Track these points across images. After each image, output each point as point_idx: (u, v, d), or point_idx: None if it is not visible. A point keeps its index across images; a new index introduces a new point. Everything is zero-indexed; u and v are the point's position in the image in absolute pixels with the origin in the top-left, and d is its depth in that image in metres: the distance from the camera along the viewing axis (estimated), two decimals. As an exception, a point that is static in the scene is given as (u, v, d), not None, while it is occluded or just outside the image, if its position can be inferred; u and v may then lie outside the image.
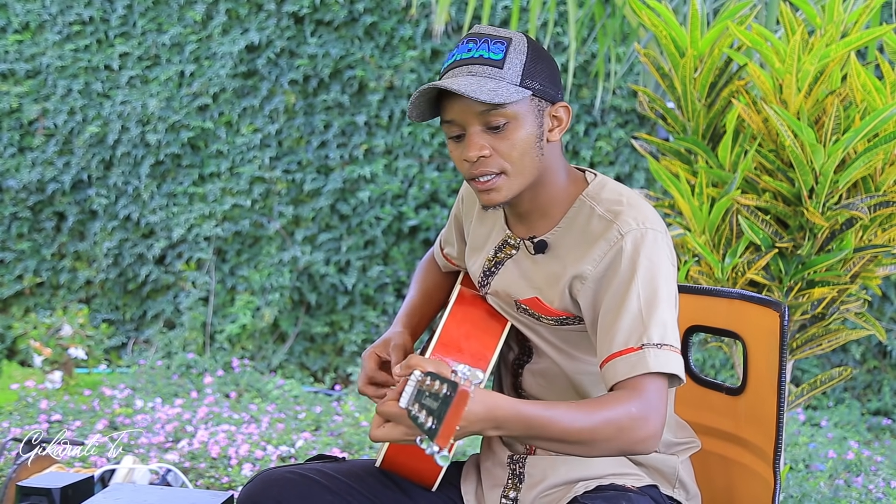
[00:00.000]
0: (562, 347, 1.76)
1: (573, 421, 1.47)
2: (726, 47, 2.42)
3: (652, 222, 1.66)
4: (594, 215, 1.69)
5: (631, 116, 5.30)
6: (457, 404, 1.27)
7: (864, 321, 2.45)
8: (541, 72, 1.65)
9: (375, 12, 5.55)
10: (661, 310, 1.60)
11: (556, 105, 1.68)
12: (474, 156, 1.63)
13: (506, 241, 1.80)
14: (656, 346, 1.57)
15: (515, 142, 1.63)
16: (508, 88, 1.61)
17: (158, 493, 2.27)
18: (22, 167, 5.98)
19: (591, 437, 1.48)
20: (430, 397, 1.33)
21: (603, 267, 1.65)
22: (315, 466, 1.80)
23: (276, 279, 5.56)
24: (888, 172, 2.30)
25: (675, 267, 1.68)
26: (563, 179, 1.73)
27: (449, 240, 2.03)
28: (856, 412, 4.70)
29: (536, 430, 1.46)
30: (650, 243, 1.63)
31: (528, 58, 1.64)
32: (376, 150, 5.58)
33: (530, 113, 1.64)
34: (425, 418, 1.32)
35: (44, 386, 4.71)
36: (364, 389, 1.84)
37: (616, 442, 1.50)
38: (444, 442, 1.28)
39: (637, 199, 1.70)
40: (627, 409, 1.51)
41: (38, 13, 5.94)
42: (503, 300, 1.80)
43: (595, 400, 1.55)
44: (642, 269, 1.61)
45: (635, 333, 1.58)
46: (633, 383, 1.55)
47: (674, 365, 1.58)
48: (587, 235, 1.68)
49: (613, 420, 1.49)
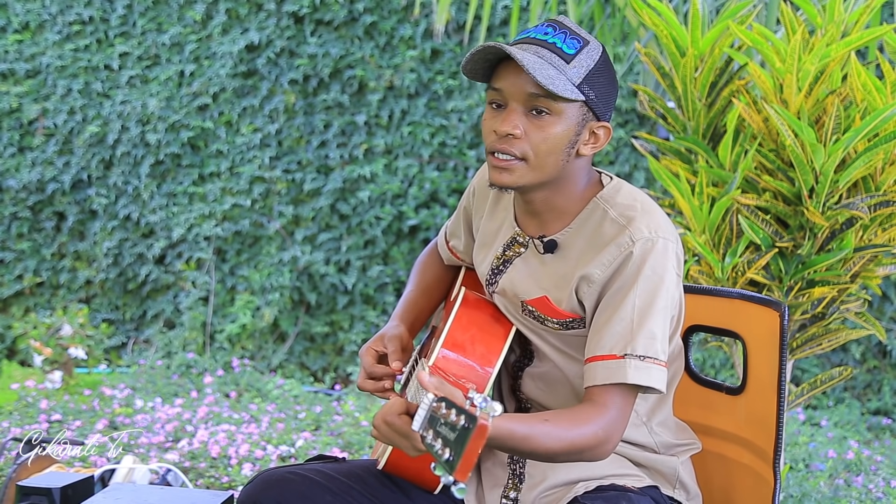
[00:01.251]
0: (565, 351, 1.76)
1: (545, 442, 1.54)
2: (727, 47, 2.42)
3: (664, 231, 1.66)
4: (607, 218, 1.68)
5: (631, 116, 5.30)
6: (475, 439, 1.27)
7: (864, 321, 2.45)
8: (601, 86, 1.65)
9: (375, 12, 5.55)
10: (653, 322, 1.61)
11: (600, 122, 1.68)
12: (506, 130, 1.63)
13: (515, 239, 1.79)
14: (639, 358, 1.60)
15: (548, 136, 1.63)
16: (567, 84, 1.61)
17: (158, 493, 2.27)
18: (22, 167, 5.98)
19: (556, 456, 1.59)
20: (445, 426, 1.32)
21: (611, 271, 1.65)
22: (315, 467, 1.79)
23: (276, 279, 5.56)
24: (888, 172, 2.30)
25: (681, 275, 1.69)
26: (582, 186, 1.73)
27: (455, 232, 2.01)
28: (856, 412, 4.70)
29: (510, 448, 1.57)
30: (659, 253, 1.64)
31: (596, 67, 1.65)
32: (376, 149, 5.58)
33: (574, 117, 1.64)
34: (441, 448, 1.31)
35: (44, 386, 4.71)
36: (364, 385, 1.83)
37: (575, 457, 1.61)
38: (463, 476, 1.28)
39: (651, 205, 1.70)
40: (594, 430, 1.58)
41: (38, 13, 5.94)
42: (510, 300, 1.79)
43: (568, 418, 1.60)
44: (645, 278, 1.62)
45: (621, 341, 1.61)
46: (605, 396, 1.61)
47: (654, 378, 1.61)
48: (598, 238, 1.68)
49: (578, 442, 1.57)
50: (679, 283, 1.68)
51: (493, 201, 1.87)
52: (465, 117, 5.44)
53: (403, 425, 1.47)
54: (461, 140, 5.47)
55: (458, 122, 5.46)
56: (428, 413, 1.38)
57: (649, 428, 1.79)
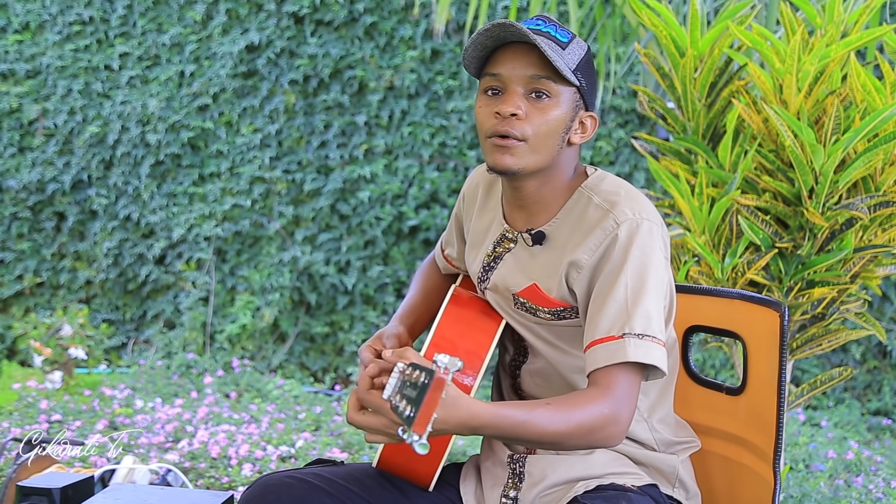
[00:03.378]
0: (557, 344, 1.76)
1: (548, 425, 1.52)
2: (726, 47, 2.42)
3: (648, 213, 1.67)
4: (591, 204, 1.70)
5: (631, 116, 5.30)
6: (433, 391, 1.29)
7: (864, 321, 2.45)
8: (589, 76, 1.70)
9: (375, 12, 5.55)
10: (647, 301, 1.61)
11: (588, 112, 1.72)
12: (510, 110, 1.64)
13: (504, 236, 1.81)
14: (637, 337, 1.59)
15: (549, 118, 1.65)
16: (566, 67, 1.64)
17: (158, 493, 2.27)
18: (22, 167, 5.98)
19: (564, 439, 1.54)
20: (409, 387, 1.35)
21: (598, 255, 1.66)
22: (313, 471, 1.80)
23: (276, 279, 5.56)
24: (888, 172, 2.30)
25: (668, 259, 1.69)
26: (569, 177, 1.75)
27: (449, 241, 2.04)
28: (856, 412, 4.70)
29: (512, 434, 1.52)
30: (645, 233, 1.65)
31: (585, 58, 1.69)
32: (376, 150, 5.58)
33: (569, 103, 1.67)
34: (404, 407, 1.33)
35: (44, 386, 4.71)
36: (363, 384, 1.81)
37: (586, 440, 1.56)
38: (421, 428, 1.29)
39: (635, 192, 1.72)
40: (600, 409, 1.55)
41: (38, 13, 5.94)
42: (501, 295, 1.80)
43: (570, 400, 1.57)
44: (633, 258, 1.63)
45: (618, 322, 1.61)
46: (608, 377, 1.58)
47: (654, 356, 1.60)
48: (584, 224, 1.69)
49: (586, 422, 1.54)
50: (668, 267, 1.69)
51: (482, 202, 1.89)
52: (465, 117, 5.44)
53: (374, 398, 1.48)
54: (461, 140, 5.47)
55: (458, 123, 5.46)
56: (398, 381, 1.40)
57: (650, 424, 1.80)
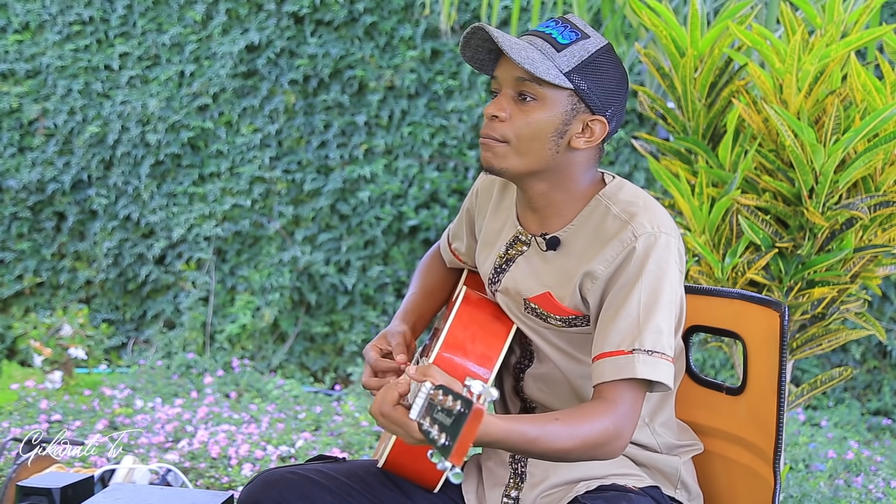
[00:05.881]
0: (566, 350, 1.76)
1: (556, 441, 1.53)
2: (726, 47, 2.42)
3: (666, 227, 1.67)
4: (609, 215, 1.69)
5: (631, 116, 5.30)
6: (471, 422, 1.27)
7: (864, 321, 2.45)
8: (598, 79, 1.66)
9: (375, 12, 5.55)
10: (659, 316, 1.61)
11: (594, 116, 1.68)
12: (491, 112, 1.67)
13: (517, 238, 1.80)
14: (647, 353, 1.59)
15: (532, 121, 1.65)
16: (551, 70, 1.63)
17: (158, 493, 2.27)
18: (22, 167, 5.98)
19: (569, 454, 1.57)
20: (442, 412, 1.33)
21: (614, 267, 1.65)
22: (315, 467, 1.80)
23: (276, 279, 5.56)
24: (888, 172, 2.30)
25: (683, 272, 1.69)
26: (584, 184, 1.74)
27: (458, 234, 2.01)
28: (856, 412, 4.70)
29: (521, 450, 1.54)
30: (662, 248, 1.64)
31: (592, 59, 1.66)
32: (376, 150, 5.58)
33: (562, 106, 1.66)
34: (438, 434, 1.32)
35: (44, 386, 4.71)
36: (369, 382, 1.81)
37: (589, 454, 1.59)
38: (458, 460, 1.28)
39: (653, 202, 1.71)
40: (605, 425, 1.57)
41: (38, 13, 5.94)
42: (512, 298, 1.79)
43: (577, 415, 1.58)
44: (649, 273, 1.62)
45: (629, 337, 1.60)
46: (614, 391, 1.60)
47: (662, 373, 1.60)
48: (601, 234, 1.68)
49: (591, 439, 1.56)
50: (681, 281, 1.69)
51: (496, 201, 1.88)
52: (465, 117, 5.44)
53: (400, 416, 1.47)
54: (461, 140, 5.47)
55: (458, 123, 5.46)
56: (426, 401, 1.39)
57: (652, 429, 1.80)
